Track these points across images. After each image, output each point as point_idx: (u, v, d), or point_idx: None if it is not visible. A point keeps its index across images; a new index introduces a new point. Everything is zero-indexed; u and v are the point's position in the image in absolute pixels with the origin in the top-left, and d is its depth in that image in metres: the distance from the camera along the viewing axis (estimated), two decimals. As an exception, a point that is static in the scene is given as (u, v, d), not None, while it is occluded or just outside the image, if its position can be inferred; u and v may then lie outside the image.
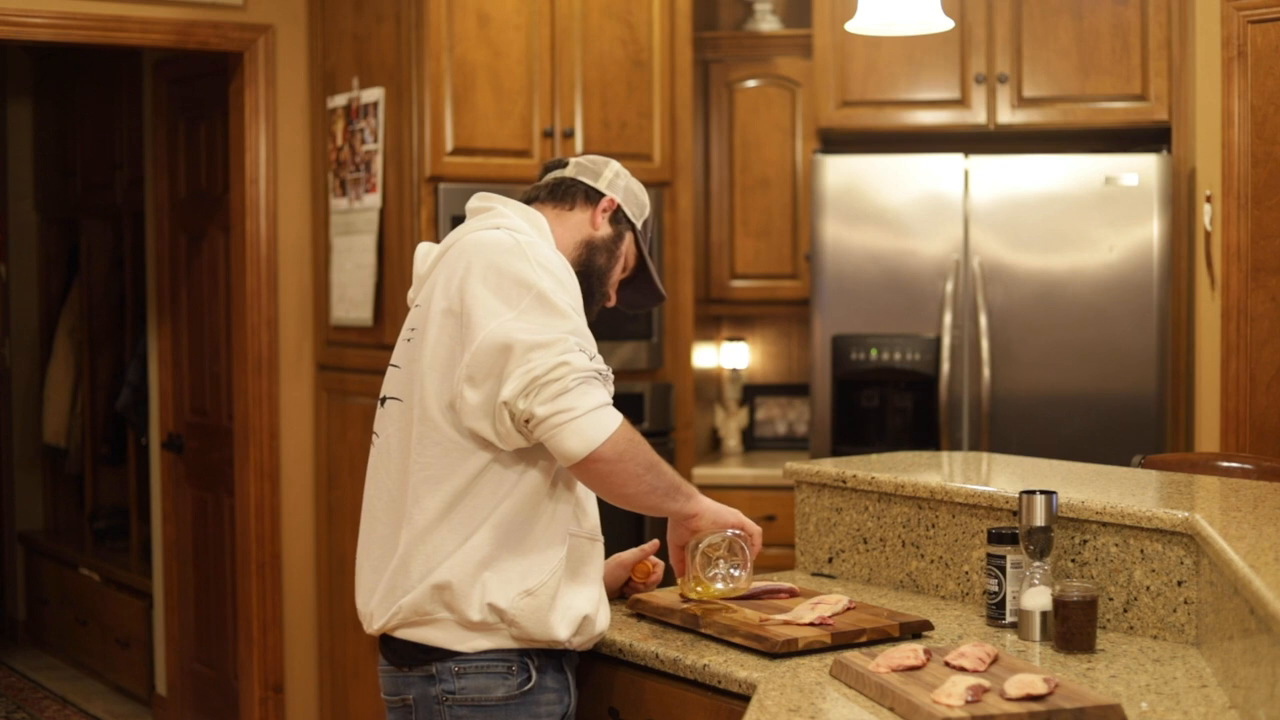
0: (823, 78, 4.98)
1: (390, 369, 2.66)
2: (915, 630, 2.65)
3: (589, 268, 2.72)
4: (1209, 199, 4.57)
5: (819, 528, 3.24)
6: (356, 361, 4.95)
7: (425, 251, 2.71)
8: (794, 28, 5.48)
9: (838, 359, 4.85)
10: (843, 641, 2.57)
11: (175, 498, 5.84)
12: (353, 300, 4.89)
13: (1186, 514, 2.57)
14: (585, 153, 4.86)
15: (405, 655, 2.54)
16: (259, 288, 5.14)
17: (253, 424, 5.16)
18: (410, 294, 2.71)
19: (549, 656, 2.56)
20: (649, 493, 2.53)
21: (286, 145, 5.15)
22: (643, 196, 2.83)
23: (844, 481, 3.17)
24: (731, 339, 5.71)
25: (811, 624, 2.60)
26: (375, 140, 4.77)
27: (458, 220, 4.65)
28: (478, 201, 2.75)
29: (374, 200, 4.78)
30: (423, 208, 4.60)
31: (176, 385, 5.82)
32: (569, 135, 4.81)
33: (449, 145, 4.61)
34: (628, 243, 2.79)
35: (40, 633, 7.29)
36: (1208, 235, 4.59)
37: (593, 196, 2.76)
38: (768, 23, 5.52)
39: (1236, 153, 4.41)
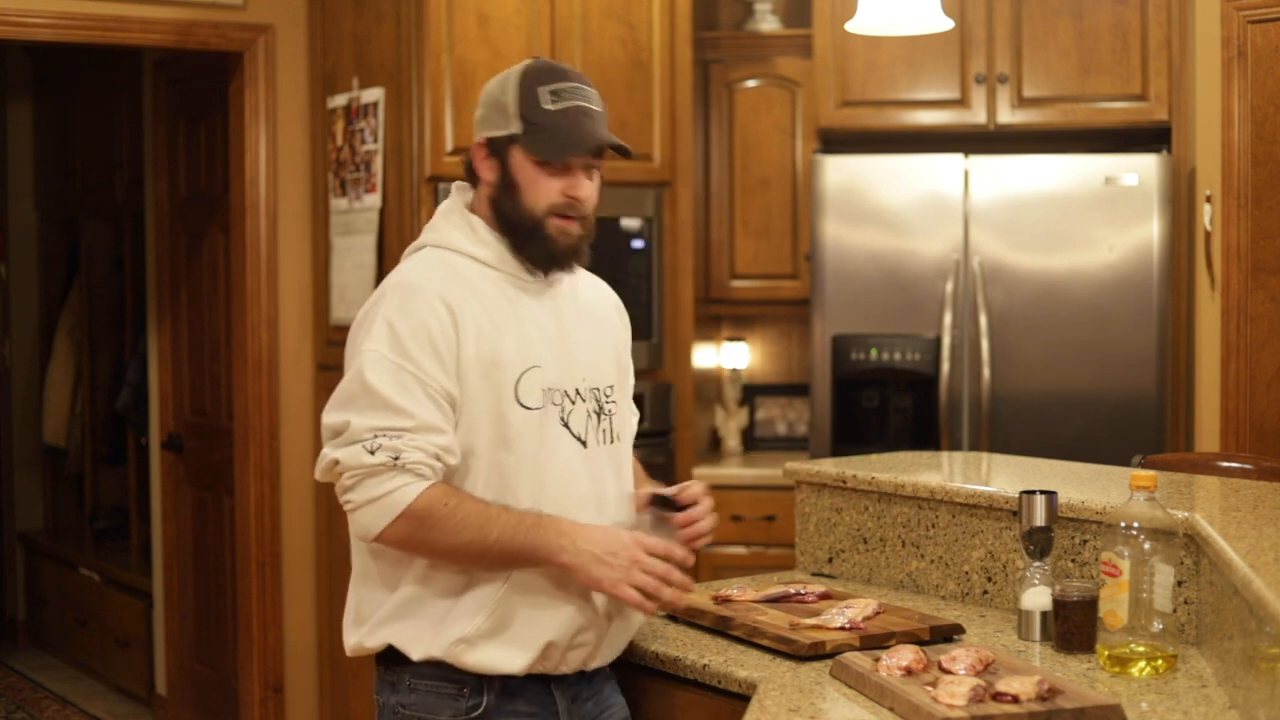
0: (823, 78, 4.98)
1: None
2: (946, 634, 2.59)
3: (507, 221, 2.45)
4: (1209, 199, 4.57)
5: (819, 528, 3.24)
6: (356, 361, 4.95)
7: None
8: (794, 28, 5.48)
9: (838, 359, 4.85)
10: (872, 644, 2.51)
11: (175, 498, 5.83)
12: (353, 300, 4.88)
13: (1186, 514, 2.57)
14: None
15: None
16: (259, 288, 5.14)
17: (252, 424, 5.16)
18: None
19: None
20: (477, 560, 2.35)
21: (286, 145, 5.15)
22: (502, 92, 2.45)
23: (844, 481, 3.17)
24: (731, 339, 5.71)
25: (841, 628, 2.55)
26: (375, 140, 4.77)
27: (457, 220, 4.70)
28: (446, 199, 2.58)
29: (374, 200, 4.78)
30: (423, 208, 4.60)
31: (176, 385, 5.81)
32: (569, 135, 4.80)
33: (449, 145, 4.61)
34: (517, 161, 2.44)
35: (40, 633, 7.28)
36: (1208, 235, 4.59)
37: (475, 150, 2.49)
38: (768, 23, 5.52)
39: (1236, 153, 4.41)
